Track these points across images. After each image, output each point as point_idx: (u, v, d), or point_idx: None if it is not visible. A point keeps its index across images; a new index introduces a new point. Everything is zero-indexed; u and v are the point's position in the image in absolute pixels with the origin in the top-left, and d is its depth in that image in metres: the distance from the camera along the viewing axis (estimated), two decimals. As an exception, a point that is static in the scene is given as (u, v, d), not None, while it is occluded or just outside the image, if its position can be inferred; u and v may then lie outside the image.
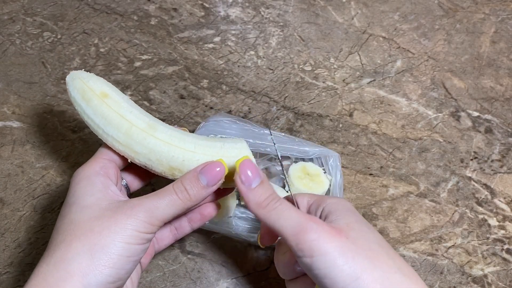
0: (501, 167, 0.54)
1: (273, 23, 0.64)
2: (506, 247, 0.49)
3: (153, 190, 0.33)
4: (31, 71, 0.58)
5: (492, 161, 0.54)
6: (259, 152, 0.48)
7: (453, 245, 0.48)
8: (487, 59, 0.62)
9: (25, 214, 0.48)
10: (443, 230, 0.49)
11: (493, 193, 0.52)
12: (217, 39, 0.62)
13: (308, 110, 0.57)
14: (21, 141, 0.52)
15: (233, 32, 0.63)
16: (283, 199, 0.33)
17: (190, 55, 0.60)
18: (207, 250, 0.47)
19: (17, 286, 0.44)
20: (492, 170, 0.53)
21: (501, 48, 0.64)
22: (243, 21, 0.64)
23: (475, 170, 0.53)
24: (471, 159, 0.54)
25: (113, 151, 0.36)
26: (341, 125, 0.56)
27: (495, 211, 0.51)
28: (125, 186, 0.38)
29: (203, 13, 0.64)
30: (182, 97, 0.57)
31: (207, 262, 0.46)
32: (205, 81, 0.58)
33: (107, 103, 0.35)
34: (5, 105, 0.55)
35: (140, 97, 0.56)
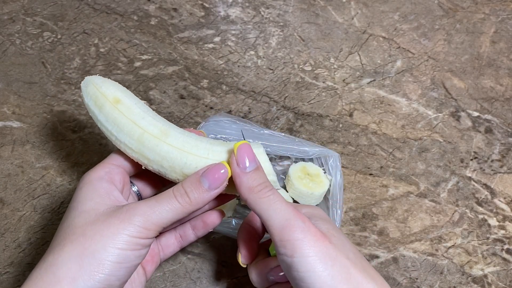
0: (501, 167, 0.54)
1: (273, 23, 0.64)
2: (506, 247, 0.49)
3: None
4: (31, 71, 0.58)
5: (492, 161, 0.54)
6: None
7: (453, 245, 0.48)
8: (487, 59, 0.62)
9: (25, 214, 0.48)
10: (443, 230, 0.49)
11: (493, 193, 0.52)
12: (217, 39, 0.62)
13: (308, 110, 0.57)
14: (21, 141, 0.52)
15: (233, 32, 0.63)
16: (275, 190, 0.32)
17: (190, 55, 0.60)
18: (207, 250, 0.47)
19: (17, 286, 0.44)
20: (492, 170, 0.54)
21: (501, 48, 0.64)
22: (243, 21, 0.64)
23: (475, 170, 0.53)
24: (471, 159, 0.54)
25: (125, 157, 0.35)
26: (341, 125, 0.56)
27: (495, 211, 0.51)
28: (137, 192, 0.38)
29: (203, 13, 0.64)
30: (182, 97, 0.57)
31: (207, 262, 0.46)
32: (205, 81, 0.58)
33: (119, 109, 0.34)
34: (5, 105, 0.55)
35: (140, 97, 0.56)
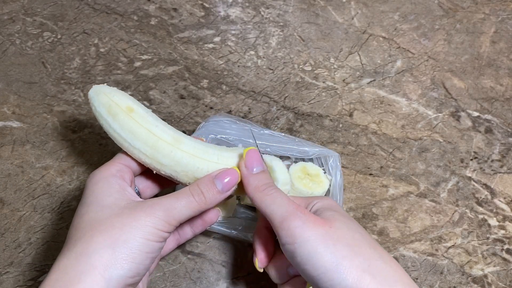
0: (501, 167, 0.54)
1: (273, 23, 0.64)
2: (506, 247, 0.49)
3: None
4: (31, 71, 0.58)
5: (492, 161, 0.54)
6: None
7: (453, 245, 0.48)
8: (487, 59, 0.62)
9: (25, 214, 0.48)
10: (443, 230, 0.49)
11: (493, 193, 0.52)
12: (217, 39, 0.62)
13: (308, 110, 0.57)
14: (21, 141, 0.52)
15: (233, 32, 0.63)
16: (279, 188, 0.35)
17: (190, 55, 0.60)
18: (207, 250, 0.47)
19: (17, 286, 0.44)
20: (492, 170, 0.53)
21: (501, 48, 0.64)
22: (243, 21, 0.64)
23: (475, 170, 0.53)
24: (471, 159, 0.54)
25: (131, 158, 0.37)
26: (341, 125, 0.56)
27: (495, 211, 0.51)
28: (137, 193, 0.39)
29: (203, 13, 0.64)
30: (182, 97, 0.57)
31: (207, 262, 0.46)
32: (205, 81, 0.58)
33: (134, 118, 0.36)
34: (5, 105, 0.55)
35: (140, 97, 0.56)
